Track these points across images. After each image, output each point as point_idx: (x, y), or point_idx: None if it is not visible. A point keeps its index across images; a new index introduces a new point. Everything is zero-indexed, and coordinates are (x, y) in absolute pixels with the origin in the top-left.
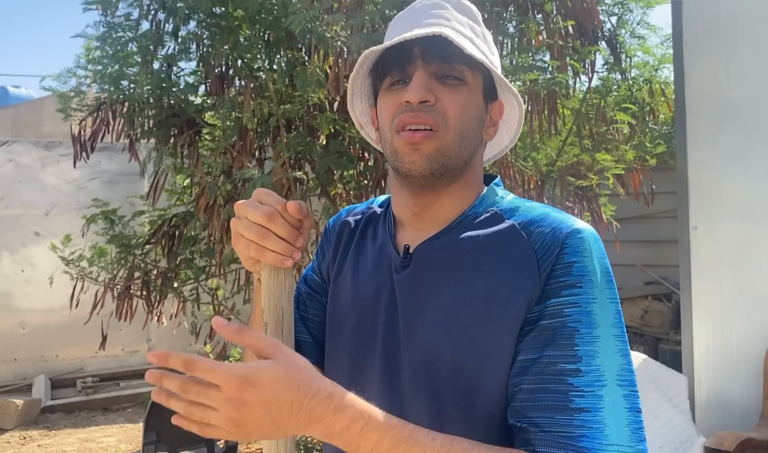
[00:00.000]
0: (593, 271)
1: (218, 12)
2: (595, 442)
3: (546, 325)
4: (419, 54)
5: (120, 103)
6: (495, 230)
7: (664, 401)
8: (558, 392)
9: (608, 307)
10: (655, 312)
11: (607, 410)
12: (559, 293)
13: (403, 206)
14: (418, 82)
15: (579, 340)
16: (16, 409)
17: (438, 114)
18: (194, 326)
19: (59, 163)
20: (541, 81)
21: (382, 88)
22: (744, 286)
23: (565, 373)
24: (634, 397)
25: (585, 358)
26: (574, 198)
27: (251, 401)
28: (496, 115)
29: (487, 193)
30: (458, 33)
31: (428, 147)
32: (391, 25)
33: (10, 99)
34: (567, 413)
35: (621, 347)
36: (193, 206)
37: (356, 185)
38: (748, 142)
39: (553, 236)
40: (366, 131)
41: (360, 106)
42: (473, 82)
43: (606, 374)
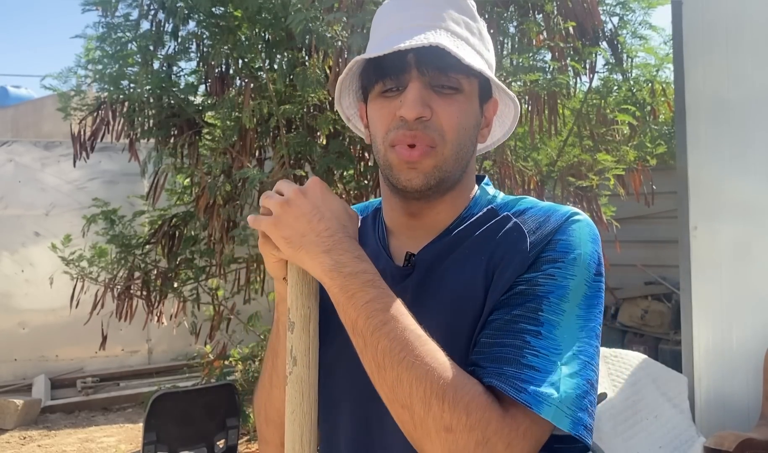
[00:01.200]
0: (579, 251)
1: (218, 12)
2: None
3: (520, 290)
4: (414, 63)
5: (120, 103)
6: (491, 223)
7: (664, 401)
8: (514, 346)
9: (582, 288)
10: (655, 312)
11: (557, 374)
12: (540, 267)
13: (395, 213)
14: (414, 96)
15: (546, 307)
16: (16, 409)
17: (435, 130)
18: (194, 326)
19: (59, 163)
20: (542, 81)
21: (373, 92)
22: (744, 286)
23: (525, 332)
24: (589, 369)
25: (546, 325)
26: (574, 198)
27: (309, 196)
28: (490, 114)
29: (480, 194)
30: (454, 35)
31: (426, 165)
32: (379, 15)
33: (10, 99)
34: (516, 366)
35: (583, 324)
36: (193, 206)
37: (356, 185)
38: (748, 142)
39: (547, 218)
40: (353, 123)
41: (347, 101)
42: (469, 89)
43: (563, 346)
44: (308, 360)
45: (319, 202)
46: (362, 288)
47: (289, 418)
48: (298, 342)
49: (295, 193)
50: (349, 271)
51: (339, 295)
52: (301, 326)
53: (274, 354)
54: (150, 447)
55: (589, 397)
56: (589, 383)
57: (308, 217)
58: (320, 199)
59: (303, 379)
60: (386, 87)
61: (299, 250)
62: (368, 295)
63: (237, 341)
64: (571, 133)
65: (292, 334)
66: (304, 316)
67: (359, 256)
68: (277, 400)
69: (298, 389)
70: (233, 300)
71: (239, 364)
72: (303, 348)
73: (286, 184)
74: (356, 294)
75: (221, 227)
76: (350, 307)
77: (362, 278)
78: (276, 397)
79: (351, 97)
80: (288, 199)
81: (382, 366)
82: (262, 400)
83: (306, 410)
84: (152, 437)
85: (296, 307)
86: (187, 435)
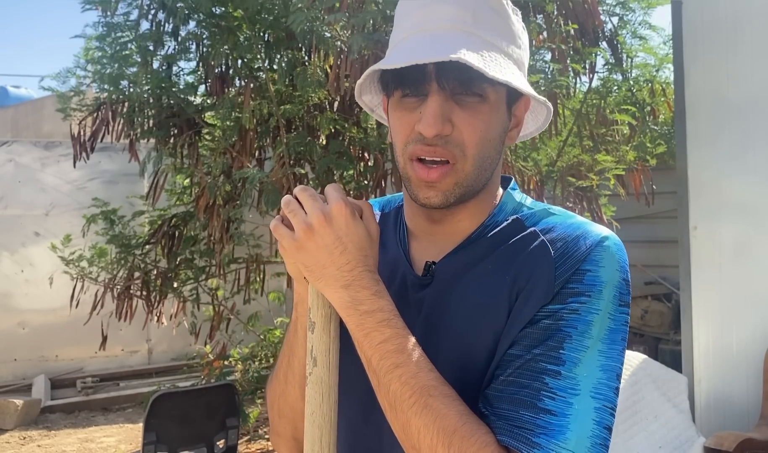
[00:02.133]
0: (606, 283)
1: (218, 12)
2: (551, 442)
3: (544, 325)
4: (434, 75)
5: (120, 103)
6: (517, 238)
7: (664, 401)
8: (531, 388)
9: (606, 322)
10: (655, 312)
11: (573, 418)
12: (565, 299)
13: (416, 218)
14: (433, 112)
15: (567, 345)
16: (16, 409)
17: (455, 145)
18: (194, 326)
19: (59, 163)
20: (542, 83)
21: (394, 96)
22: (744, 286)
23: (544, 372)
24: (606, 414)
25: (567, 364)
26: (574, 198)
27: (334, 226)
28: (521, 112)
29: (506, 199)
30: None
31: (445, 184)
32: (402, 9)
33: (10, 99)
34: (533, 411)
35: (604, 362)
36: (193, 206)
37: (356, 185)
38: (748, 142)
39: (576, 245)
40: (378, 113)
41: (369, 96)
42: (495, 97)
43: (581, 384)
44: (329, 361)
45: (342, 233)
46: (377, 327)
47: (309, 419)
48: (318, 342)
49: (320, 222)
50: (366, 309)
51: (355, 331)
52: (322, 326)
53: (291, 351)
54: (150, 447)
55: (605, 443)
56: (607, 429)
57: (330, 249)
58: (344, 230)
59: (323, 380)
60: (405, 94)
61: (319, 280)
62: (383, 335)
63: (237, 341)
64: (571, 133)
65: (312, 334)
66: (325, 316)
67: (377, 292)
68: (291, 396)
69: (318, 390)
70: (233, 300)
71: (239, 364)
72: (323, 349)
73: (309, 199)
74: (371, 333)
75: (221, 227)
76: (366, 344)
77: (378, 317)
78: (290, 394)
79: (373, 92)
80: (312, 226)
81: (393, 408)
82: (276, 393)
83: (325, 411)
84: (152, 437)
85: (317, 307)
86: (187, 435)
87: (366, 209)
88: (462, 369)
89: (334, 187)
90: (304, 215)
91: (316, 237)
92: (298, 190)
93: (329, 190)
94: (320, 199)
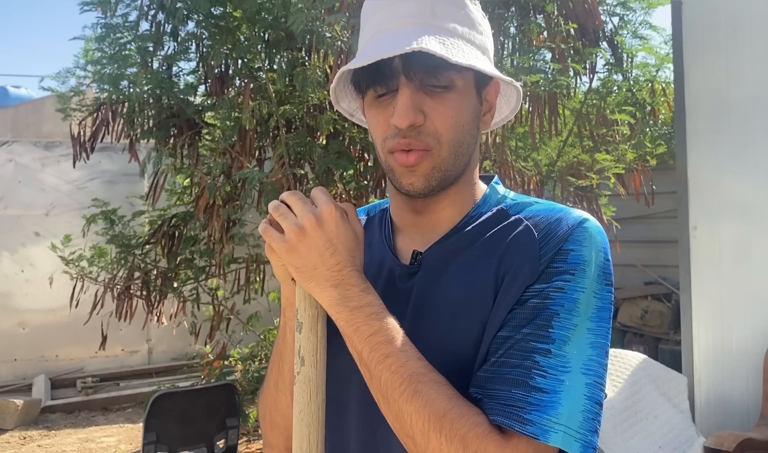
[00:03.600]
0: (588, 261)
1: (217, 12)
2: (543, 417)
3: (531, 305)
4: (401, 68)
5: (120, 104)
6: (502, 226)
7: (664, 401)
8: (522, 367)
9: (592, 300)
10: (655, 312)
11: (564, 394)
12: (550, 279)
13: (401, 211)
14: (404, 104)
15: (556, 323)
16: (16, 409)
17: (429, 134)
18: (194, 326)
19: (59, 163)
20: (542, 83)
21: (368, 97)
22: (744, 286)
23: (534, 351)
24: (597, 389)
25: (557, 342)
26: (574, 198)
27: (325, 229)
28: (492, 97)
29: (490, 193)
30: (440, 31)
31: (424, 167)
32: (365, 13)
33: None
34: (524, 389)
35: (593, 340)
36: (193, 206)
37: (356, 185)
38: (747, 142)
39: (558, 225)
40: (357, 117)
41: (347, 101)
42: (463, 84)
43: (572, 362)
44: (316, 360)
45: (332, 235)
46: (366, 321)
47: (297, 418)
48: (306, 342)
49: (311, 224)
50: (355, 305)
51: (345, 327)
52: (309, 326)
53: (281, 359)
54: (150, 447)
55: (597, 418)
56: (598, 404)
57: (321, 250)
58: (334, 232)
59: (311, 379)
60: (378, 92)
61: (309, 281)
62: (372, 328)
63: (237, 341)
64: (571, 133)
65: (300, 334)
66: (312, 317)
67: (365, 289)
68: (282, 405)
69: (306, 390)
70: (233, 300)
71: (239, 364)
72: (311, 348)
73: (299, 202)
74: (361, 327)
75: (221, 227)
76: (355, 339)
77: (367, 311)
78: (282, 402)
79: (350, 96)
80: (303, 228)
81: (386, 398)
82: (267, 404)
83: (313, 410)
84: (152, 437)
85: (304, 308)
86: (187, 435)
87: (350, 212)
88: (451, 354)
89: (322, 190)
90: (294, 218)
91: (308, 239)
92: (286, 195)
93: (317, 193)
94: (309, 203)
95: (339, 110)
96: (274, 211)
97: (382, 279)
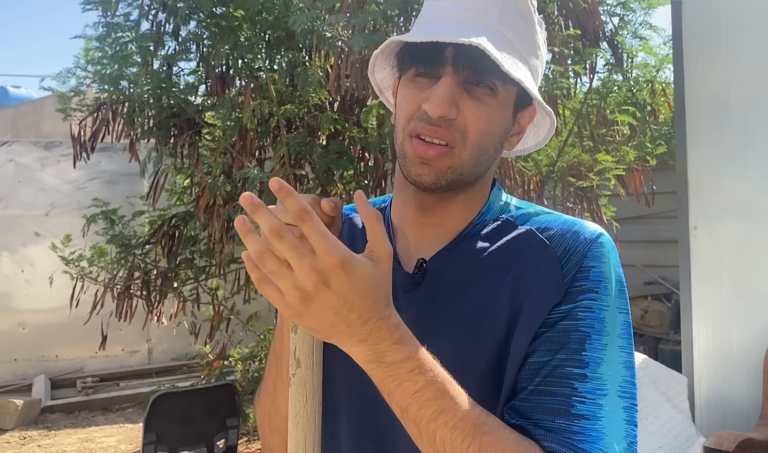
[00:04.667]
0: (609, 278)
1: (219, 12)
2: (594, 447)
3: (561, 327)
4: (451, 59)
5: (120, 104)
6: (512, 238)
7: (664, 401)
8: (562, 395)
9: (618, 317)
10: (655, 312)
11: (606, 420)
12: (576, 298)
13: (406, 207)
14: (443, 93)
15: (588, 345)
16: (16, 409)
17: (457, 130)
18: (194, 326)
19: (59, 163)
20: (543, 84)
21: (407, 74)
22: (744, 286)
23: (571, 377)
24: (633, 411)
25: (591, 365)
26: (574, 198)
27: (334, 287)
28: (525, 122)
29: (493, 199)
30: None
31: (441, 164)
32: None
33: (10, 99)
34: (568, 418)
35: (625, 359)
36: (193, 206)
37: (356, 185)
38: (747, 142)
39: (575, 241)
40: (385, 96)
41: (382, 74)
42: (505, 96)
43: (608, 384)
44: (312, 362)
45: (345, 290)
46: (409, 377)
47: (293, 421)
48: (302, 343)
49: (316, 286)
50: (391, 360)
51: (384, 384)
52: None
53: (278, 359)
54: (150, 447)
55: (636, 440)
56: (635, 426)
57: (336, 310)
58: (347, 286)
59: (306, 381)
60: (419, 72)
61: (330, 339)
62: (417, 385)
63: (237, 341)
64: (572, 133)
65: (295, 335)
66: None
67: (399, 340)
68: (281, 407)
69: (301, 392)
70: (233, 300)
71: (239, 364)
72: (307, 349)
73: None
74: (404, 383)
75: (221, 227)
76: (398, 395)
77: (407, 367)
78: (281, 405)
79: (387, 71)
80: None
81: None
82: (265, 407)
83: (309, 413)
84: (152, 437)
85: None
86: (187, 435)
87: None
88: (460, 371)
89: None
90: (292, 278)
91: (317, 303)
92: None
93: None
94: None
95: (371, 80)
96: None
97: None
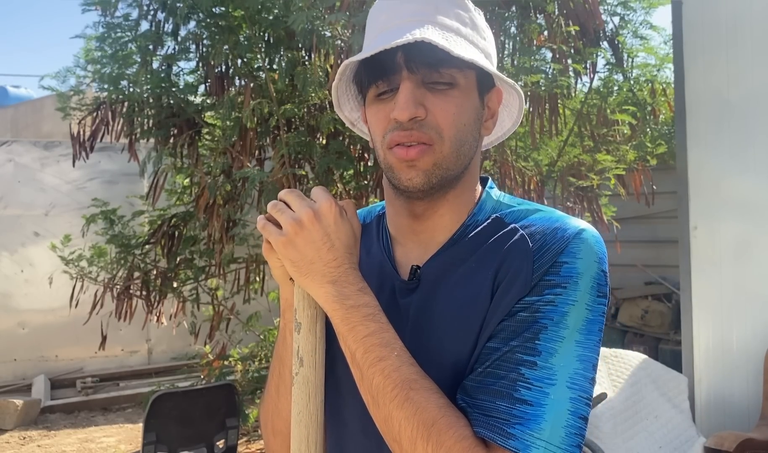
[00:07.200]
0: (582, 273)
1: (218, 12)
2: (525, 432)
3: (521, 318)
4: (403, 63)
5: (119, 103)
6: (499, 235)
7: (664, 401)
8: (508, 379)
9: (583, 313)
10: (655, 312)
11: (548, 408)
12: (542, 291)
13: (399, 217)
14: (405, 97)
15: (543, 336)
16: (15, 409)
17: (431, 128)
18: (194, 326)
19: (59, 163)
20: (543, 83)
21: (369, 96)
22: (744, 286)
23: (520, 363)
24: (582, 404)
25: (544, 354)
26: (574, 198)
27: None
28: (494, 104)
29: (485, 198)
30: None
31: (424, 162)
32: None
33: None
34: (509, 401)
35: (581, 353)
36: (193, 206)
37: (356, 185)
38: (748, 142)
39: (554, 236)
40: (358, 128)
41: (348, 107)
42: (465, 83)
43: (558, 374)
44: (315, 361)
45: (330, 230)
46: (363, 321)
47: (296, 419)
48: (304, 343)
49: (309, 218)
50: (352, 303)
51: (340, 325)
52: (308, 327)
53: (281, 362)
54: (150, 447)
55: (580, 433)
56: (582, 419)
57: (318, 244)
58: (332, 227)
59: (309, 380)
60: (380, 90)
61: (305, 276)
62: (368, 329)
63: (236, 341)
64: (572, 133)
65: (298, 334)
66: (311, 317)
67: (362, 289)
68: (284, 410)
69: (304, 390)
70: (233, 300)
71: (239, 364)
72: (310, 349)
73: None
74: (357, 327)
75: (221, 227)
76: (350, 338)
77: (364, 311)
78: (284, 408)
79: (352, 102)
80: (301, 221)
81: (376, 401)
82: (268, 410)
83: (312, 411)
84: (152, 437)
85: (303, 308)
86: (187, 435)
87: (349, 209)
88: (451, 368)
89: (321, 189)
90: (292, 212)
91: (305, 232)
92: (284, 193)
93: (317, 191)
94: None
95: (340, 117)
96: (273, 207)
97: (385, 293)
